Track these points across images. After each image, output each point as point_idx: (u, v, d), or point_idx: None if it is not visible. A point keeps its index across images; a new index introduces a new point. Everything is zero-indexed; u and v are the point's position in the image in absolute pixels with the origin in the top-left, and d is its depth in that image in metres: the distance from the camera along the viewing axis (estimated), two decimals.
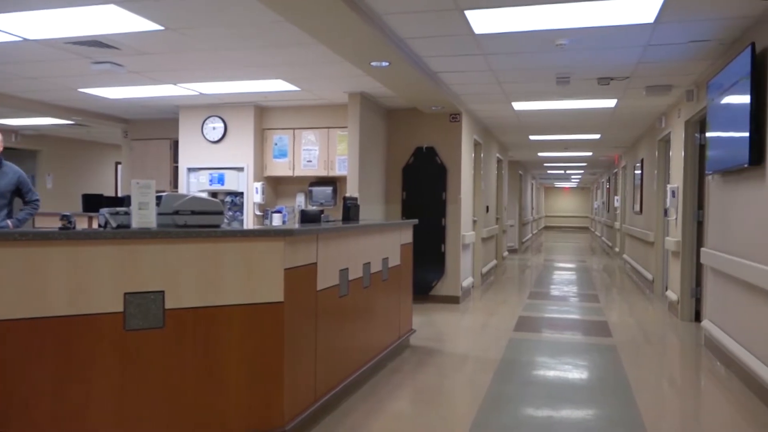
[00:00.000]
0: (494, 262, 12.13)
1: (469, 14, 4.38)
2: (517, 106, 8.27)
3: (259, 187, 8.20)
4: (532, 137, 11.80)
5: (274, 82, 6.76)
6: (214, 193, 8.35)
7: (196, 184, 8.43)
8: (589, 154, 15.12)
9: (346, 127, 7.71)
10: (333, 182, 8.31)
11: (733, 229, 5.00)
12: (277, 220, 6.76)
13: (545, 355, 5.44)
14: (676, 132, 7.68)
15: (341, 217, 5.36)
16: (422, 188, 8.35)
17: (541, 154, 15.42)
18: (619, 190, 15.38)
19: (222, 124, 8.29)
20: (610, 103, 7.90)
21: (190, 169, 8.47)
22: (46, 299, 2.82)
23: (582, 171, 22.71)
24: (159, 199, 3.32)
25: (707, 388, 4.75)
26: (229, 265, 3.20)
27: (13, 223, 5.22)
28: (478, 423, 3.76)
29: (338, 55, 5.21)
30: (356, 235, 4.43)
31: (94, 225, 7.48)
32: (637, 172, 11.56)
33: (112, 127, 9.77)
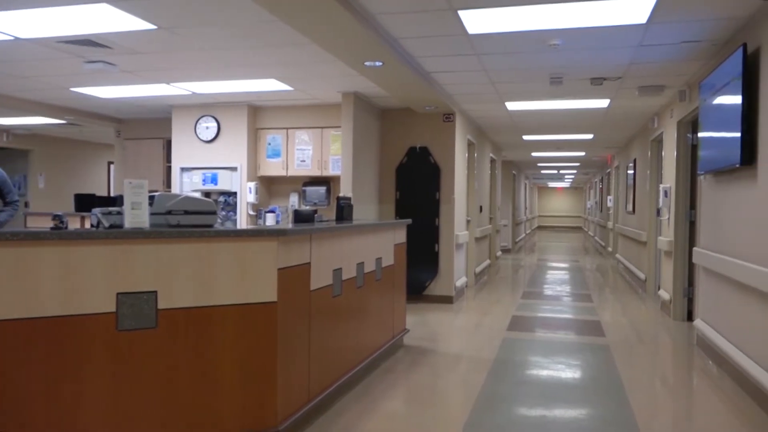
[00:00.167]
0: (488, 261, 12.15)
1: (463, 14, 4.39)
2: (511, 106, 8.29)
3: (252, 186, 8.18)
4: (526, 137, 11.83)
5: (267, 81, 6.74)
6: (207, 193, 8.32)
7: (189, 184, 8.41)
8: (582, 154, 15.17)
9: (339, 127, 7.71)
10: (326, 182, 8.31)
11: (725, 228, 5.03)
12: (270, 220, 6.75)
13: (538, 355, 5.46)
14: (668, 132, 7.72)
15: (335, 217, 5.35)
16: (416, 188, 8.36)
17: (534, 154, 15.45)
18: (612, 190, 15.43)
19: (215, 124, 8.27)
20: (603, 103, 7.92)
21: (183, 169, 8.44)
22: (37, 299, 2.81)
23: (575, 171, 22.78)
24: (152, 198, 3.31)
25: (699, 388, 4.77)
26: (223, 265, 3.20)
27: None
28: (471, 423, 3.77)
29: (332, 55, 5.20)
30: (350, 235, 4.42)
31: (87, 225, 7.44)
32: (630, 172, 11.61)
33: (105, 127, 9.73)
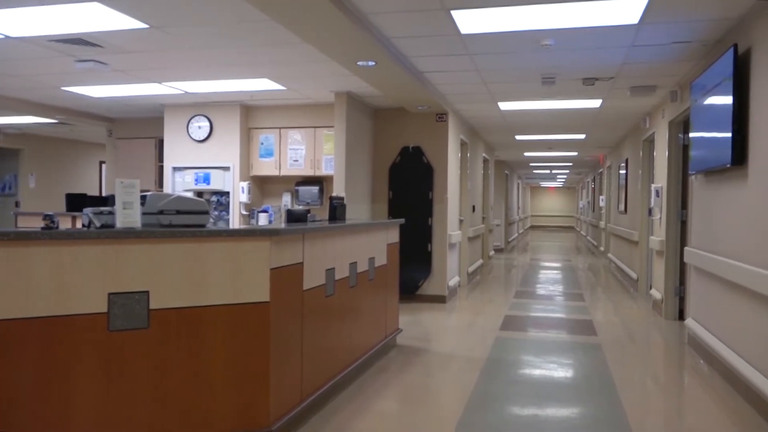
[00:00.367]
0: (480, 261, 12.17)
1: (456, 14, 4.39)
2: (503, 106, 8.30)
3: (245, 186, 8.16)
4: (518, 137, 11.86)
5: (260, 81, 6.73)
6: (200, 193, 8.30)
7: (181, 184, 8.38)
8: (575, 154, 15.22)
9: (332, 127, 7.70)
10: (319, 182, 8.30)
11: (716, 228, 5.06)
12: (263, 220, 6.74)
13: (531, 354, 5.47)
14: (660, 132, 7.75)
15: (328, 217, 5.35)
16: (409, 188, 8.36)
17: (527, 154, 15.49)
18: (604, 189, 15.49)
19: (208, 123, 8.25)
20: (595, 103, 7.95)
21: (175, 169, 8.41)
22: (28, 300, 2.79)
23: (568, 171, 22.85)
24: (143, 198, 3.29)
25: (691, 386, 4.80)
26: (215, 265, 3.19)
27: None
28: (464, 422, 3.77)
29: (324, 55, 5.19)
30: (342, 235, 4.42)
31: (78, 225, 7.40)
32: (622, 171, 11.66)
33: (97, 126, 9.68)
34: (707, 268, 5.16)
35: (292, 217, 4.52)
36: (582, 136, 11.62)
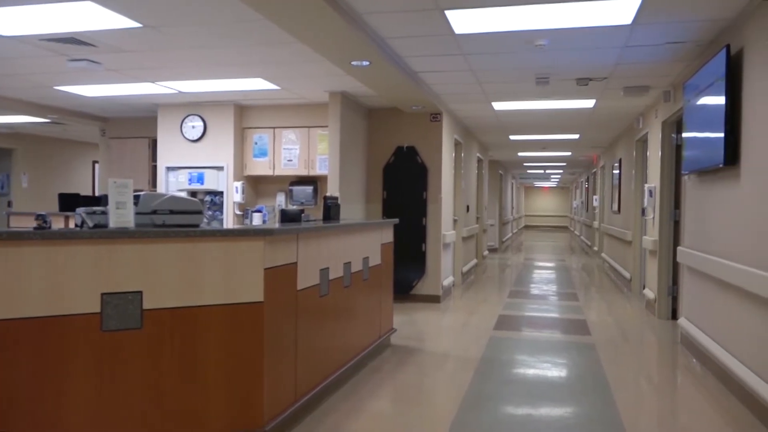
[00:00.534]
0: (475, 261, 12.19)
1: (450, 14, 4.40)
2: (497, 106, 8.32)
3: (239, 186, 8.15)
4: (512, 137, 11.88)
5: (254, 80, 6.72)
6: (194, 193, 8.28)
7: (175, 184, 8.35)
8: (569, 153, 15.26)
9: (326, 127, 7.70)
10: (313, 181, 8.29)
11: (709, 228, 5.08)
12: (257, 220, 6.73)
13: (525, 354, 5.48)
14: (653, 132, 7.78)
15: (322, 217, 5.35)
16: (403, 188, 8.36)
17: (521, 154, 15.52)
18: (598, 189, 15.54)
19: (201, 123, 8.23)
20: (589, 103, 7.97)
21: (169, 168, 8.39)
22: (21, 300, 2.78)
23: (561, 171, 22.91)
24: (137, 198, 3.28)
25: (684, 386, 4.82)
26: (209, 265, 3.18)
27: None
28: (458, 422, 3.78)
29: (319, 54, 5.19)
30: (337, 235, 4.42)
31: (71, 225, 7.37)
32: (615, 171, 11.69)
33: (90, 126, 9.64)
34: (700, 267, 5.18)
35: (286, 217, 4.52)
36: (576, 136, 11.65)
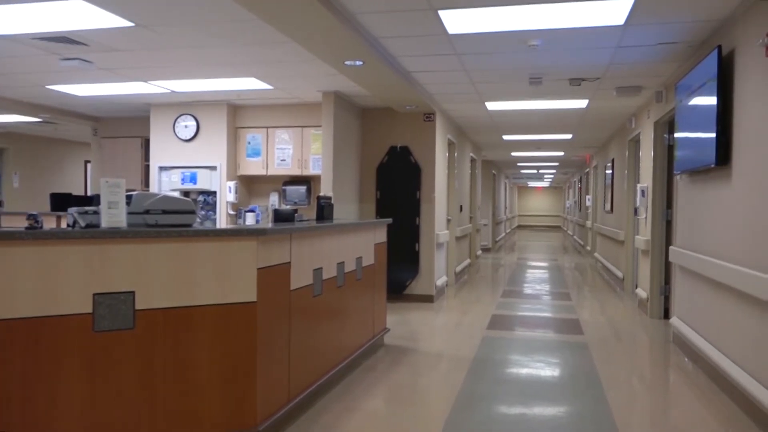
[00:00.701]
0: (468, 260, 12.21)
1: (443, 14, 4.40)
2: (491, 106, 8.33)
3: (232, 186, 8.13)
4: (506, 137, 11.90)
5: (247, 80, 6.70)
6: (187, 192, 8.26)
7: (167, 183, 8.33)
8: (561, 153, 15.30)
9: (320, 126, 7.69)
10: (307, 181, 8.28)
11: (701, 228, 5.11)
12: (250, 220, 6.73)
13: (518, 353, 5.49)
14: (645, 132, 7.81)
15: (315, 217, 5.34)
16: (396, 187, 8.37)
17: (514, 154, 15.55)
18: (591, 189, 15.59)
19: (194, 123, 8.21)
20: (582, 103, 8.00)
21: (161, 168, 8.36)
22: (12, 300, 2.77)
23: (554, 170, 22.97)
24: (129, 198, 3.27)
25: (675, 384, 4.84)
26: (202, 265, 3.17)
27: None
28: (451, 421, 3.78)
29: (312, 54, 5.18)
30: (330, 235, 4.42)
31: (63, 225, 7.34)
32: (608, 171, 11.73)
33: (82, 125, 9.60)
34: (692, 267, 5.21)
35: (280, 216, 4.51)
36: (569, 136, 11.68)
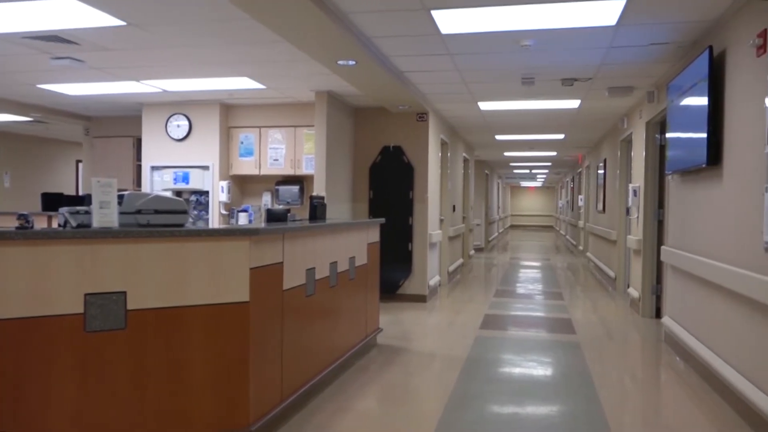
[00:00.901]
0: (461, 260, 12.22)
1: (436, 14, 4.41)
2: (483, 106, 8.34)
3: (224, 185, 8.11)
4: (498, 137, 11.92)
5: (239, 80, 6.69)
6: (179, 192, 8.23)
7: (160, 183, 8.30)
8: (554, 153, 15.34)
9: (312, 126, 7.68)
10: (300, 181, 8.27)
11: (692, 227, 5.13)
12: (243, 220, 6.70)
13: (511, 353, 5.51)
14: (637, 132, 7.85)
15: (308, 216, 5.34)
16: (389, 187, 8.37)
17: (507, 154, 15.59)
18: (583, 189, 15.64)
19: (186, 122, 8.18)
20: (574, 103, 8.02)
21: (153, 168, 8.33)
22: (3, 301, 2.75)
23: (547, 170, 23.04)
24: (121, 197, 3.26)
25: (667, 383, 4.86)
26: (194, 265, 3.16)
27: None
28: (444, 421, 3.79)
29: (305, 54, 5.18)
30: (323, 235, 4.41)
31: (54, 224, 7.30)
32: (600, 171, 11.78)
33: (73, 125, 9.55)
34: (683, 266, 5.24)
35: (272, 216, 4.50)
36: (561, 136, 11.72)
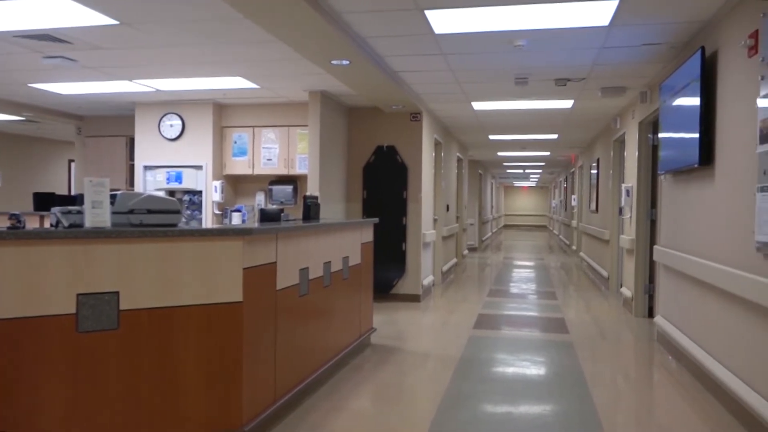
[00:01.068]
0: (454, 260, 12.24)
1: (429, 14, 4.41)
2: (477, 106, 8.35)
3: (218, 185, 8.09)
4: (492, 137, 11.94)
5: (233, 79, 6.67)
6: (172, 192, 8.20)
7: (153, 183, 8.27)
8: (547, 153, 15.38)
9: (306, 126, 7.67)
10: (293, 181, 8.26)
11: (684, 227, 5.16)
12: (236, 219, 6.69)
13: (504, 352, 5.52)
14: (630, 133, 7.87)
15: (302, 216, 5.33)
16: (383, 187, 8.37)
17: (500, 154, 15.61)
18: (576, 189, 15.69)
19: (180, 122, 8.15)
20: (567, 103, 8.04)
21: (146, 167, 8.30)
22: None
23: (540, 170, 23.09)
24: (113, 197, 3.25)
25: (659, 382, 4.88)
26: (187, 265, 3.15)
27: None
28: (438, 420, 3.79)
29: (299, 53, 5.17)
30: (316, 234, 4.41)
31: (46, 224, 7.26)
32: (594, 171, 11.81)
33: (66, 124, 9.51)
34: (675, 266, 5.26)
35: (266, 216, 4.49)
36: (554, 136, 11.75)
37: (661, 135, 5.74)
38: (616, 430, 3.70)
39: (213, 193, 8.09)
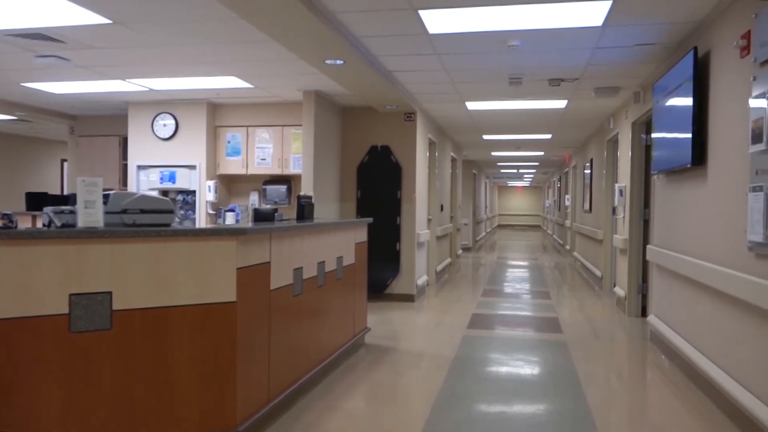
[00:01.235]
0: (448, 260, 12.25)
1: (423, 14, 4.41)
2: (471, 106, 8.36)
3: (211, 185, 8.07)
4: (486, 137, 11.96)
5: (227, 79, 6.66)
6: (165, 192, 8.18)
7: (146, 182, 8.24)
8: (541, 153, 15.41)
9: (300, 125, 7.66)
10: (287, 181, 8.25)
11: (677, 227, 5.18)
12: (230, 219, 6.69)
13: (498, 352, 5.52)
14: (623, 133, 7.90)
15: (295, 216, 5.32)
16: (377, 187, 8.37)
17: (494, 154, 15.64)
18: (570, 189, 15.73)
19: (173, 121, 8.13)
20: (561, 103, 8.06)
21: (140, 167, 8.28)
22: None
23: (534, 170, 23.14)
24: (106, 197, 3.23)
25: (653, 381, 4.90)
26: (180, 265, 3.14)
27: None
28: (432, 420, 3.79)
29: (293, 53, 5.16)
30: (310, 234, 4.40)
31: (38, 224, 7.23)
32: (587, 171, 11.85)
33: (58, 123, 9.47)
34: (668, 265, 5.28)
35: (260, 216, 4.49)
36: (548, 136, 11.77)
37: (654, 135, 5.76)
38: (610, 429, 3.71)
39: (206, 192, 8.07)
